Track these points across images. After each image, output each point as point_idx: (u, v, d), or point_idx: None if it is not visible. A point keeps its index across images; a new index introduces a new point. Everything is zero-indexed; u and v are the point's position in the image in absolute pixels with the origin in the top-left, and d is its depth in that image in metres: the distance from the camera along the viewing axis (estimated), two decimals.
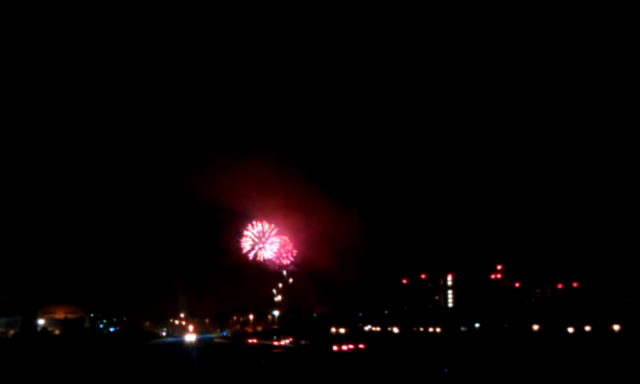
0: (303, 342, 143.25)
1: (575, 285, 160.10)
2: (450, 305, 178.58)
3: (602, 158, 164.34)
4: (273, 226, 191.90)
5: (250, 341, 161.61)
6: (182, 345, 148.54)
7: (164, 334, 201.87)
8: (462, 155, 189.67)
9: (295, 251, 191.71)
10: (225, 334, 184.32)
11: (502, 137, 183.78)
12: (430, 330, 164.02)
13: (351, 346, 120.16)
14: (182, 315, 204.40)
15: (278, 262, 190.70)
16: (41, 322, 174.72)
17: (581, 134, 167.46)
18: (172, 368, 75.46)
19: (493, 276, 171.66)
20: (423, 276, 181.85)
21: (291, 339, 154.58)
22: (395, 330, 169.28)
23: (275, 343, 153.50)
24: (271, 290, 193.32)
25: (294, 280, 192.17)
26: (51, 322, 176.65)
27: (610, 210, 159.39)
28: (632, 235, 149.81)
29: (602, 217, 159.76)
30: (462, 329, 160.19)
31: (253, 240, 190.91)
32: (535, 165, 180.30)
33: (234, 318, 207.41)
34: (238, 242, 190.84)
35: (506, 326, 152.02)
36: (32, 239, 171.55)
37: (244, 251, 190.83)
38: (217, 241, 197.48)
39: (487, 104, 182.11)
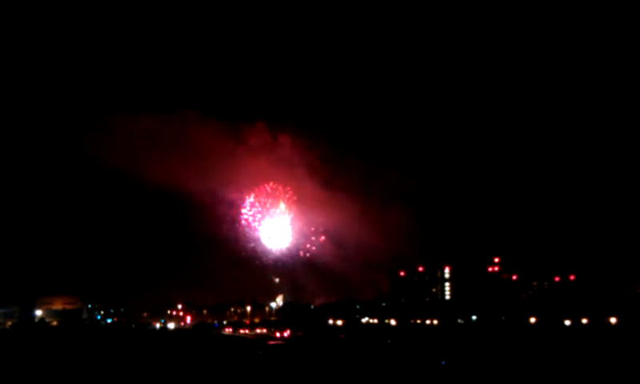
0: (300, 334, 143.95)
1: (572, 277, 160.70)
2: (447, 297, 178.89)
3: (599, 150, 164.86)
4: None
5: (226, 330, 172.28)
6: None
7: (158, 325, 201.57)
8: (458, 148, 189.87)
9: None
10: (217, 325, 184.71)
11: (498, 129, 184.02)
12: (427, 322, 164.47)
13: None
14: (180, 306, 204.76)
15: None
16: (38, 312, 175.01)
17: (576, 126, 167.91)
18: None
19: (490, 268, 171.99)
20: (420, 268, 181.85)
21: (265, 330, 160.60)
22: (392, 322, 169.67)
23: (241, 331, 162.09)
24: (270, 281, 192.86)
25: (292, 271, 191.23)
26: (49, 312, 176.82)
27: (606, 203, 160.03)
28: (628, 228, 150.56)
29: (599, 210, 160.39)
30: (459, 321, 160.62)
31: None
32: (532, 157, 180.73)
33: (232, 309, 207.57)
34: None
35: (503, 318, 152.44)
36: (30, 230, 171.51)
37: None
38: (216, 231, 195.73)
39: (482, 97, 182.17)
